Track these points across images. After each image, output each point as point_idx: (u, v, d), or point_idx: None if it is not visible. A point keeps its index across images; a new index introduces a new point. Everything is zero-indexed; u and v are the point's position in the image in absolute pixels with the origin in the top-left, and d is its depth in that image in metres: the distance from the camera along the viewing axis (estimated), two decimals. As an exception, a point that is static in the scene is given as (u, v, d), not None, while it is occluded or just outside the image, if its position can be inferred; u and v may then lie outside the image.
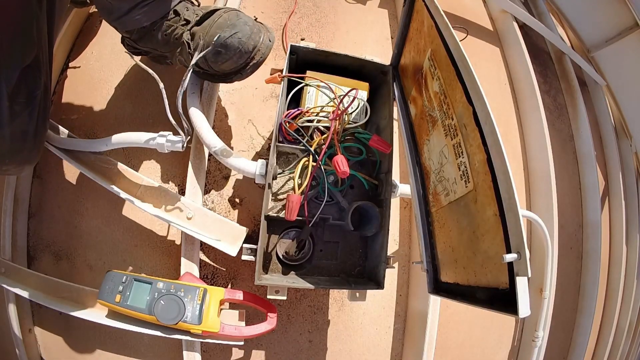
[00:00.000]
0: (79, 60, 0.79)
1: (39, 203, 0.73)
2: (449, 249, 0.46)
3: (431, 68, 0.48)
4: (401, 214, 0.81)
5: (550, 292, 0.81)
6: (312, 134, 0.59)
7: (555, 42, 1.14)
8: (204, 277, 0.69)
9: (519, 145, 1.00)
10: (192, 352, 0.63)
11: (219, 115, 0.76)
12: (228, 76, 0.62)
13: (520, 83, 1.02)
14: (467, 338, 0.85)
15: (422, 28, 0.51)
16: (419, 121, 0.55)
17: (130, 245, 0.70)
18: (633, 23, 1.10)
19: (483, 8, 1.11)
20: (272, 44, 0.60)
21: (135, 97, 0.76)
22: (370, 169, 0.61)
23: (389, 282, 0.78)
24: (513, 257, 0.30)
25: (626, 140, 1.28)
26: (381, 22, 0.95)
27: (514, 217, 0.31)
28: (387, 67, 0.63)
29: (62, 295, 0.62)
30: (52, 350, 0.71)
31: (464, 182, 0.41)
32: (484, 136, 0.36)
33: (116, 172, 0.65)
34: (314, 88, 0.61)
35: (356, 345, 0.75)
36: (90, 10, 0.81)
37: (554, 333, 0.89)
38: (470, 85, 0.38)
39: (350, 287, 0.56)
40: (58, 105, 0.75)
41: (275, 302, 0.71)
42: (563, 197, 1.01)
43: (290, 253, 0.59)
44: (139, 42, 0.60)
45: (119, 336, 0.68)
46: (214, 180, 0.73)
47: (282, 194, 0.57)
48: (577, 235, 1.07)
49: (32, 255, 0.72)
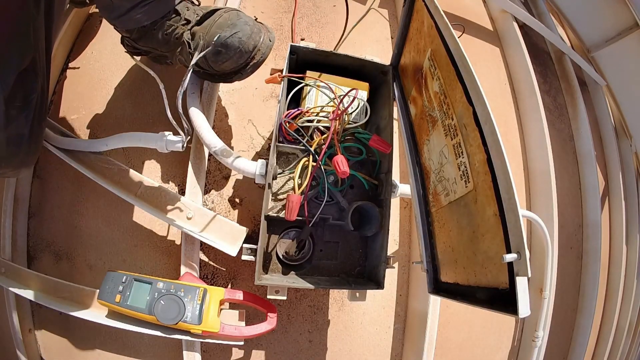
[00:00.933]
0: (79, 60, 0.79)
1: (39, 203, 0.73)
2: (448, 249, 0.46)
3: (431, 68, 0.48)
4: (401, 214, 0.81)
5: (550, 292, 0.81)
6: (312, 134, 0.59)
7: (555, 42, 1.14)
8: (204, 277, 0.69)
9: (519, 145, 1.00)
10: (192, 352, 0.63)
11: (219, 115, 0.76)
12: (228, 76, 0.62)
13: (520, 83, 1.02)
14: (467, 338, 0.85)
15: (422, 28, 0.51)
16: (419, 121, 0.55)
17: (130, 245, 0.70)
18: (633, 23, 1.10)
19: (483, 8, 1.11)
20: (272, 44, 0.60)
21: (135, 97, 0.76)
22: (370, 169, 0.61)
23: (389, 282, 0.78)
24: (513, 257, 0.30)
25: (626, 140, 1.28)
26: (381, 22, 0.95)
27: (514, 217, 0.31)
28: (387, 67, 0.63)
29: (62, 295, 0.62)
30: (52, 350, 0.71)
31: (464, 182, 0.41)
32: (484, 136, 0.36)
33: (116, 172, 0.65)
34: (314, 88, 0.61)
35: (356, 345, 0.75)
36: (90, 11, 0.81)
37: (554, 333, 0.90)
38: (470, 85, 0.38)
39: (350, 287, 0.56)
40: (58, 105, 0.75)
41: (275, 302, 0.71)
42: (563, 197, 1.01)
43: (290, 253, 0.59)
44: (139, 42, 0.60)
45: (119, 336, 0.68)
46: (214, 180, 0.73)
47: (282, 194, 0.57)
48: (577, 235, 1.07)
49: (32, 255, 0.72)
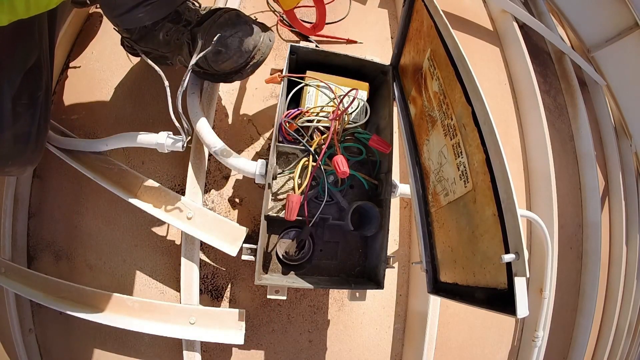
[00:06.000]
0: (79, 60, 0.79)
1: (39, 203, 0.73)
2: (448, 249, 0.46)
3: (431, 68, 0.48)
4: (401, 214, 0.81)
5: (550, 292, 0.81)
6: (312, 134, 0.59)
7: (555, 42, 1.14)
8: (204, 276, 0.69)
9: (519, 145, 1.00)
10: (192, 352, 0.63)
11: (219, 115, 0.76)
12: (228, 76, 0.62)
13: (520, 83, 1.02)
14: (467, 338, 0.85)
15: (422, 28, 0.51)
16: (419, 121, 0.55)
17: (130, 245, 0.70)
18: (633, 23, 1.10)
19: (483, 8, 1.11)
20: (272, 44, 0.60)
21: (135, 97, 0.76)
22: (370, 169, 0.61)
23: (389, 282, 0.78)
24: (511, 257, 0.30)
25: (626, 140, 1.28)
26: (381, 22, 0.95)
27: (513, 218, 0.31)
28: (387, 67, 0.63)
29: (62, 295, 0.62)
30: (52, 350, 0.71)
31: (463, 182, 0.41)
32: (482, 136, 0.36)
33: (116, 172, 0.65)
34: (314, 88, 0.61)
35: (356, 345, 0.75)
36: (90, 11, 0.81)
37: (554, 333, 0.90)
38: (469, 86, 0.38)
39: (350, 287, 0.56)
40: (58, 105, 0.76)
41: (275, 302, 0.71)
42: (563, 197, 1.01)
43: (290, 253, 0.59)
44: (140, 42, 0.60)
45: (119, 336, 0.68)
46: (214, 180, 0.73)
47: (282, 194, 0.57)
48: (577, 235, 1.07)
49: (32, 255, 0.72)
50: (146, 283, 0.69)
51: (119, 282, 0.70)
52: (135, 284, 0.69)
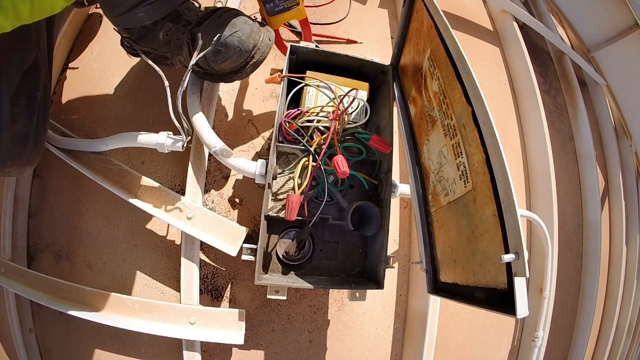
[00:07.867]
0: (79, 60, 0.79)
1: (39, 203, 0.73)
2: (448, 249, 0.46)
3: (431, 68, 0.48)
4: (401, 214, 0.81)
5: (550, 292, 0.81)
6: (312, 134, 0.59)
7: (555, 42, 1.14)
8: (204, 276, 0.69)
9: (519, 145, 1.00)
10: (192, 352, 0.63)
11: (219, 115, 0.76)
12: (228, 75, 0.62)
13: (520, 83, 1.02)
14: (467, 338, 0.85)
15: (422, 28, 0.51)
16: (419, 121, 0.55)
17: (130, 245, 0.70)
18: (633, 23, 1.10)
19: (483, 8, 1.11)
20: (271, 43, 0.60)
21: (135, 97, 0.76)
22: (370, 169, 0.61)
23: (389, 282, 0.78)
24: (511, 257, 0.30)
25: (626, 140, 1.28)
26: (381, 22, 0.95)
27: (512, 218, 0.31)
28: (387, 67, 0.63)
29: (62, 295, 0.62)
30: (52, 350, 0.71)
31: (463, 182, 0.41)
32: (482, 136, 0.36)
33: (116, 172, 0.65)
34: (313, 88, 0.61)
35: (356, 345, 0.75)
36: (90, 11, 0.81)
37: (554, 333, 0.90)
38: (469, 86, 0.38)
39: (350, 287, 0.56)
40: (58, 105, 0.76)
41: (275, 302, 0.71)
42: (563, 197, 1.01)
43: (290, 253, 0.59)
44: (140, 42, 0.60)
45: (119, 336, 0.68)
46: (214, 180, 0.73)
47: (282, 194, 0.57)
48: (577, 235, 1.07)
49: (32, 255, 0.72)
50: (146, 283, 0.69)
51: (119, 282, 0.70)
52: (135, 284, 0.69)
